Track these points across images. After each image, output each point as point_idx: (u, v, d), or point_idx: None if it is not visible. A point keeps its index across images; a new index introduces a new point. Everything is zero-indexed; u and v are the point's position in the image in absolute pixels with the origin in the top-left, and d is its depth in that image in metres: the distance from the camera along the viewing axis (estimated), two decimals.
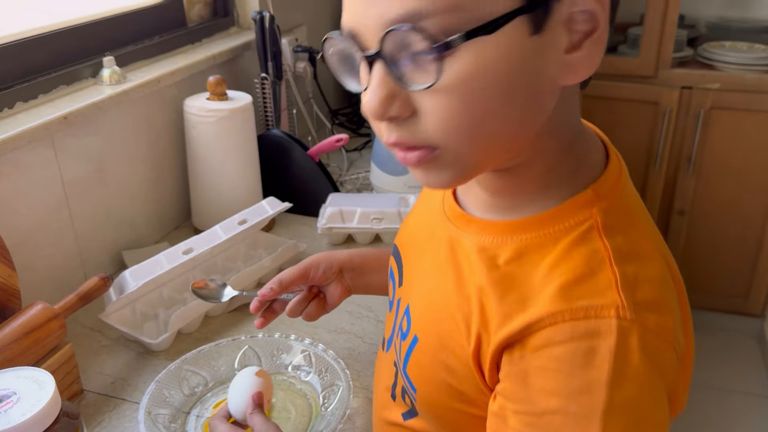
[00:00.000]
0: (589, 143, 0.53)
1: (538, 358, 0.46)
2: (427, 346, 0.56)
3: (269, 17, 1.34)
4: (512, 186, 0.52)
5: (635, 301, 0.45)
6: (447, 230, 0.57)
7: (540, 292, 0.47)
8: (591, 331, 0.44)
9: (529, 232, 0.50)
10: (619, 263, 0.46)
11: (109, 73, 1.11)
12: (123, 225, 1.18)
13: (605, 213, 0.49)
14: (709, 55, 2.19)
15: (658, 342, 0.45)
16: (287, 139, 1.33)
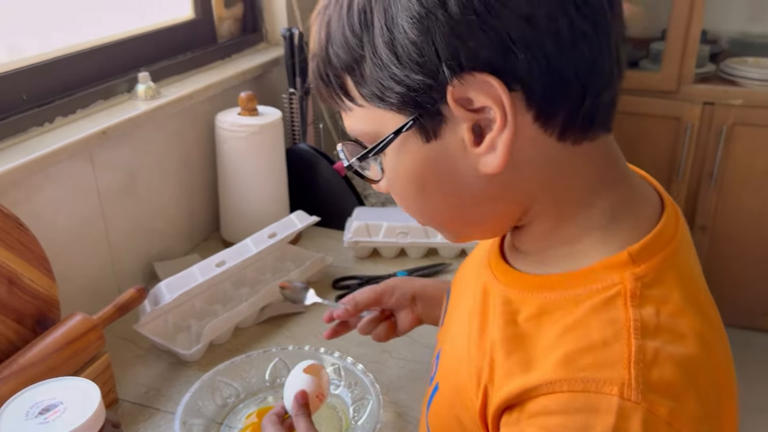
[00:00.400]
0: (632, 197, 0.50)
1: (531, 425, 0.44)
2: (444, 396, 0.56)
3: (298, 34, 1.36)
4: (531, 241, 0.52)
5: (647, 382, 0.41)
6: (485, 277, 0.56)
7: (546, 357, 0.45)
8: (589, 406, 0.41)
9: (553, 291, 0.48)
10: (640, 337, 0.42)
11: (144, 89, 1.14)
12: (154, 236, 1.20)
13: (638, 280, 0.45)
14: (731, 71, 2.19)
15: (667, 429, 0.40)
16: (314, 152, 1.35)
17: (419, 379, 0.93)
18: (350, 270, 1.22)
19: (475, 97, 0.43)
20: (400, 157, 0.49)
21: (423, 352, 0.99)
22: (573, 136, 0.46)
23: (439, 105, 0.45)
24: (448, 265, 1.21)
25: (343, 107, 0.50)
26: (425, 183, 0.49)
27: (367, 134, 0.50)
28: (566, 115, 0.45)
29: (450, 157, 0.47)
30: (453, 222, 0.53)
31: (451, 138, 0.46)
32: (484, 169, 0.46)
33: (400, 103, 0.46)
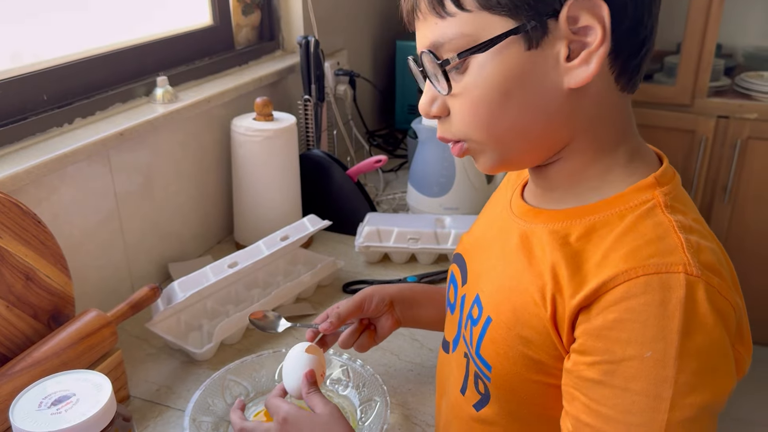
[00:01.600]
0: (641, 145, 0.60)
1: (613, 312, 0.50)
2: (501, 323, 0.60)
3: (314, 42, 1.39)
4: (566, 176, 0.59)
5: (701, 263, 0.50)
6: (516, 225, 0.62)
7: (611, 257, 0.52)
8: (662, 284, 0.49)
9: (596, 214, 0.55)
10: (683, 232, 0.52)
11: (162, 92, 1.16)
12: (169, 238, 1.22)
13: (666, 195, 0.55)
14: (746, 85, 2.19)
15: (720, 297, 0.50)
16: (327, 158, 1.37)
17: (427, 383, 0.94)
18: (361, 274, 1.23)
19: (582, 16, 0.51)
20: (497, 59, 0.53)
21: (430, 355, 0.99)
22: (623, 81, 0.55)
23: (549, 18, 0.51)
24: None
25: (442, 13, 0.54)
26: (511, 89, 0.54)
27: (464, 36, 0.53)
28: (626, 59, 0.54)
29: (542, 68, 0.53)
30: (512, 137, 0.57)
31: (549, 50, 0.52)
32: (570, 82, 0.53)
33: (519, 7, 0.51)
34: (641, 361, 0.49)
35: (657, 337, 0.48)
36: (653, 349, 0.48)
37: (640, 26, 0.53)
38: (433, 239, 1.23)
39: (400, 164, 1.73)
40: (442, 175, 1.35)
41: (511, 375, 0.60)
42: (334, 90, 1.58)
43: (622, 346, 0.49)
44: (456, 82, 0.56)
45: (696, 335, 0.48)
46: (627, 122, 0.58)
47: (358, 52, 1.83)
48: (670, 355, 0.48)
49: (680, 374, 0.48)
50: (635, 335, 0.49)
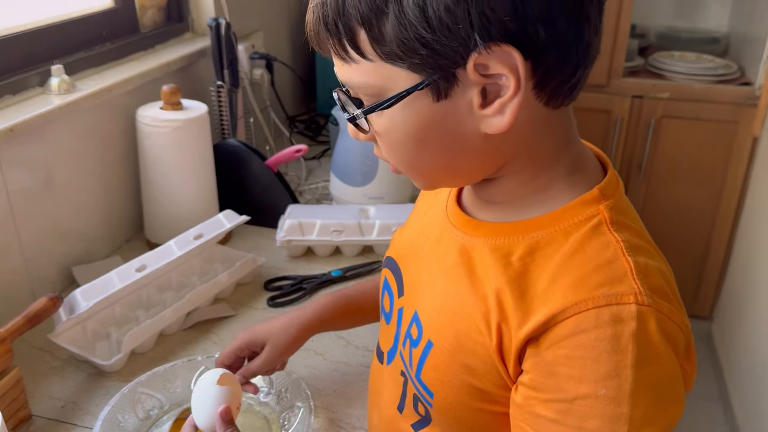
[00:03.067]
0: (581, 152, 0.57)
1: (564, 347, 0.48)
2: (443, 349, 0.57)
3: (225, 24, 1.31)
4: (505, 192, 0.57)
5: (650, 289, 0.48)
6: (454, 237, 0.59)
7: (558, 284, 0.50)
8: (613, 317, 0.47)
9: (540, 230, 0.53)
10: (631, 254, 0.50)
11: (58, 82, 1.07)
12: (73, 239, 1.14)
13: (611, 210, 0.52)
14: (659, 65, 2.25)
15: (670, 324, 0.49)
16: (244, 148, 1.30)
17: (353, 383, 0.91)
18: (283, 270, 1.18)
19: (494, 65, 0.47)
20: (406, 112, 0.51)
21: (356, 353, 0.96)
22: (556, 102, 0.51)
23: (456, 68, 0.47)
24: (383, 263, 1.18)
25: (345, 58, 0.51)
26: (425, 138, 0.52)
27: (371, 87, 0.51)
28: (557, 84, 0.50)
29: (455, 116, 0.50)
30: (437, 173, 0.56)
31: (460, 99, 0.49)
32: (486, 129, 0.50)
33: (420, 64, 0.47)
34: (595, 399, 0.47)
35: (611, 374, 0.47)
36: (607, 387, 0.47)
37: (569, 55, 0.48)
38: (357, 231, 1.19)
39: (323, 151, 1.68)
40: (365, 164, 1.31)
41: (455, 403, 0.58)
42: (249, 75, 1.51)
43: (574, 384, 0.48)
44: (374, 119, 0.53)
45: (649, 367, 0.47)
46: (566, 133, 0.55)
47: (275, 34, 1.75)
48: (625, 391, 0.47)
49: (635, 409, 0.47)
50: (588, 372, 0.47)
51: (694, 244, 2.32)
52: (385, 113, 0.51)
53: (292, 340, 0.82)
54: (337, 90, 0.54)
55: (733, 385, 2.09)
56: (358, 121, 0.54)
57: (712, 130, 2.17)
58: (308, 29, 0.53)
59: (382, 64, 0.49)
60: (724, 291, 2.33)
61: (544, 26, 0.46)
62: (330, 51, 0.52)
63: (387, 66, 0.49)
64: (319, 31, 0.51)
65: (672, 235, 2.32)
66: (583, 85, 0.52)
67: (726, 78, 2.17)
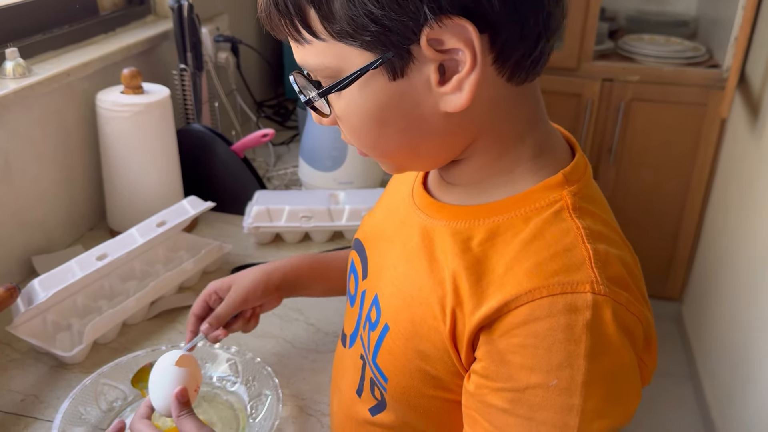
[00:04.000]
0: (549, 135, 0.56)
1: (516, 335, 0.47)
2: (398, 333, 0.56)
3: (188, 6, 1.28)
4: (469, 174, 0.56)
5: (608, 278, 0.47)
6: (418, 219, 0.58)
7: (514, 270, 0.49)
8: (568, 306, 0.46)
9: (500, 214, 0.52)
10: (591, 241, 0.49)
11: (13, 66, 1.03)
12: (32, 228, 1.10)
13: (575, 196, 0.51)
14: (629, 48, 2.25)
15: (627, 314, 0.48)
16: (209, 133, 1.28)
17: (322, 369, 0.90)
18: (251, 257, 1.16)
19: (448, 40, 0.46)
20: (364, 92, 0.49)
21: (325, 340, 0.95)
22: (519, 77, 0.50)
23: (409, 45, 0.46)
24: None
25: (299, 39, 0.50)
26: (385, 118, 0.51)
27: (327, 68, 0.50)
28: (519, 58, 0.48)
29: (413, 95, 0.49)
30: (401, 154, 0.55)
31: (417, 77, 0.48)
32: (446, 107, 0.49)
33: (372, 41, 0.46)
34: (546, 389, 0.47)
35: (563, 364, 0.46)
36: (559, 377, 0.46)
37: (528, 27, 0.47)
38: (326, 216, 1.17)
39: (292, 136, 1.65)
40: (334, 148, 1.29)
41: (408, 388, 0.57)
42: (214, 58, 1.47)
43: (526, 373, 0.47)
44: (333, 102, 0.52)
45: (603, 359, 0.46)
46: (533, 111, 0.54)
47: (240, 16, 1.72)
48: (577, 382, 0.46)
49: (587, 401, 0.46)
50: (540, 362, 0.47)
51: (664, 226, 2.34)
52: (343, 95, 0.50)
53: (257, 283, 0.82)
54: (295, 73, 0.54)
55: (703, 366, 2.12)
56: (315, 104, 0.53)
57: (682, 113, 2.18)
58: (260, 11, 0.52)
59: (334, 43, 0.48)
60: (693, 272, 2.36)
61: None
62: (283, 33, 0.51)
63: (340, 45, 0.48)
64: (271, 13, 0.50)
65: (642, 217, 2.34)
66: (547, 59, 0.51)
67: (695, 61, 2.18)
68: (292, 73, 0.54)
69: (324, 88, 0.50)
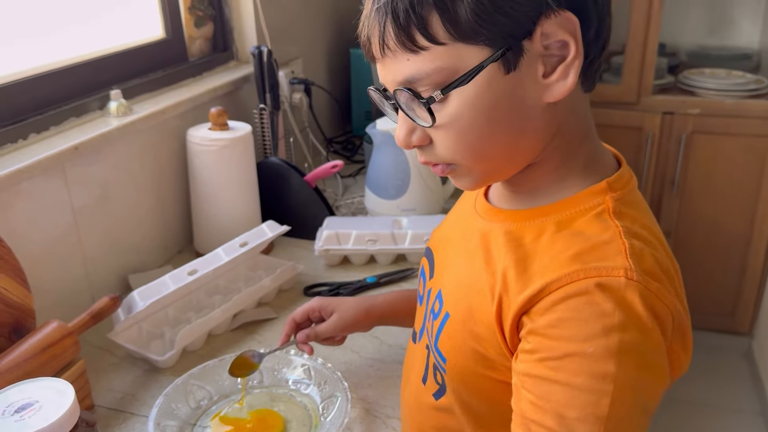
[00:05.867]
0: (598, 148, 0.63)
1: (556, 311, 0.52)
2: (457, 318, 0.63)
3: (267, 51, 1.41)
4: (530, 180, 0.62)
5: (641, 268, 0.52)
6: (478, 224, 0.65)
7: (556, 259, 0.54)
8: (602, 286, 0.51)
9: (549, 215, 0.58)
10: (629, 237, 0.54)
11: (116, 106, 1.17)
12: (129, 250, 1.23)
13: (616, 201, 0.57)
14: (689, 82, 2.28)
15: (658, 302, 0.52)
16: (285, 165, 1.39)
17: (386, 377, 0.97)
18: (321, 277, 1.25)
19: (555, 32, 0.52)
20: (480, 87, 0.54)
21: (389, 351, 1.03)
22: (587, 83, 0.58)
23: (523, 39, 0.52)
24: (414, 269, 1.25)
25: (414, 49, 0.53)
26: (497, 114, 0.55)
27: (441, 71, 0.53)
28: (591, 61, 0.56)
29: (522, 88, 0.54)
30: (498, 156, 0.58)
31: (526, 70, 0.54)
32: (550, 97, 0.54)
33: (494, 35, 0.52)
34: (583, 356, 0.51)
35: (598, 334, 0.50)
36: (594, 346, 0.50)
37: (602, 28, 0.55)
38: (390, 240, 1.26)
39: (359, 169, 1.76)
40: (397, 178, 1.38)
41: (463, 369, 0.63)
42: (289, 98, 1.61)
43: (564, 342, 0.52)
44: (438, 112, 0.55)
45: (634, 333, 0.51)
46: (588, 122, 0.61)
47: (313, 60, 1.86)
48: (611, 351, 0.50)
49: (620, 370, 0.50)
50: (577, 332, 0.51)
51: (730, 257, 2.32)
52: (454, 96, 0.54)
53: (358, 316, 0.91)
54: (397, 91, 0.56)
55: None
56: (419, 116, 0.56)
57: (744, 145, 2.18)
58: (365, 34, 0.56)
59: (453, 45, 0.52)
60: (763, 305, 2.31)
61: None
62: (393, 49, 0.54)
63: (458, 46, 0.52)
64: (386, 28, 0.54)
65: (708, 249, 2.32)
66: (601, 72, 0.59)
67: (757, 93, 2.18)
68: (395, 90, 0.56)
69: (444, 86, 0.54)
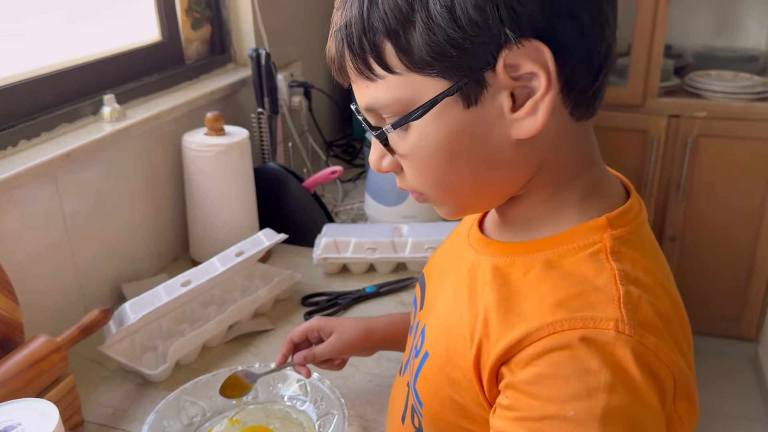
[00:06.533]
0: (602, 178, 0.57)
1: (536, 365, 0.47)
2: (435, 360, 0.58)
3: (265, 54, 1.38)
4: (519, 212, 0.57)
5: (636, 319, 0.47)
6: (468, 254, 0.60)
7: (541, 304, 0.49)
8: (589, 340, 0.46)
9: (540, 251, 0.53)
10: (625, 283, 0.48)
11: (110, 111, 1.15)
12: (122, 258, 1.20)
13: (615, 240, 0.51)
14: (695, 84, 2.24)
15: (655, 360, 0.46)
16: (283, 171, 1.36)
17: (385, 393, 0.94)
18: (319, 287, 1.22)
19: (523, 64, 0.47)
20: (436, 122, 0.50)
21: (388, 366, 1.00)
22: (579, 112, 0.52)
23: (485, 71, 0.48)
24: (415, 279, 1.22)
25: (371, 76, 0.51)
26: (456, 149, 0.51)
27: (398, 102, 0.51)
28: (581, 90, 0.50)
29: (486, 123, 0.50)
30: (468, 191, 0.55)
31: (490, 104, 0.49)
32: (519, 134, 0.50)
33: (449, 67, 0.48)
34: (562, 421, 0.45)
35: (580, 396, 0.45)
36: (575, 409, 0.45)
37: (593, 55, 0.49)
38: (390, 248, 1.23)
39: (359, 174, 1.73)
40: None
41: (440, 417, 0.59)
42: (288, 102, 1.58)
43: (543, 403, 0.47)
44: (401, 140, 0.53)
45: (623, 395, 0.45)
46: (586, 151, 0.55)
47: (312, 62, 1.83)
48: (594, 415, 0.45)
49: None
50: (557, 392, 0.46)
51: (736, 262, 2.28)
52: (413, 128, 0.51)
53: (357, 337, 0.87)
54: (359, 114, 0.55)
55: None
56: (386, 141, 0.53)
57: (751, 149, 2.15)
58: (329, 55, 0.54)
59: (409, 75, 0.49)
60: None
61: (571, 22, 0.47)
62: (352, 74, 0.52)
63: (414, 77, 0.49)
64: (343, 54, 0.52)
65: (713, 253, 2.29)
66: (602, 96, 0.52)
67: (764, 96, 2.15)
68: (360, 113, 0.55)
69: (398, 119, 0.51)
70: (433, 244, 1.22)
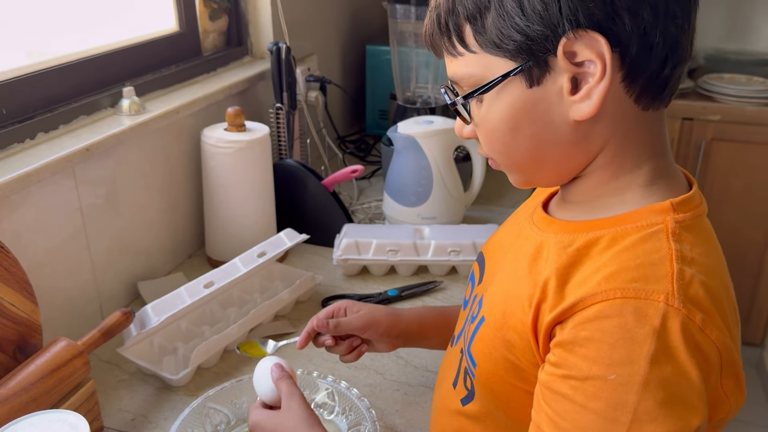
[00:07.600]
0: (669, 169, 0.59)
1: (586, 329, 0.50)
2: (491, 323, 0.61)
3: (285, 48, 1.35)
4: (582, 192, 0.60)
5: (686, 295, 0.49)
6: (531, 232, 0.64)
7: (597, 274, 0.52)
8: (638, 310, 0.48)
9: (603, 228, 0.56)
10: (680, 262, 0.51)
11: (129, 104, 1.11)
12: (138, 254, 1.17)
13: (677, 224, 0.54)
14: (709, 87, 2.23)
15: (701, 334, 0.49)
16: (302, 168, 1.33)
17: (414, 402, 0.92)
18: (339, 288, 1.19)
19: (581, 52, 0.52)
20: (502, 97, 0.56)
21: (416, 374, 0.97)
22: (645, 101, 0.55)
23: (547, 55, 0.53)
24: (438, 283, 1.19)
25: (454, 53, 0.58)
26: (518, 123, 0.57)
27: (473, 77, 0.57)
28: (646, 80, 0.53)
29: (546, 103, 0.55)
30: (529, 164, 0.60)
31: (551, 86, 0.54)
32: (575, 115, 0.54)
33: (515, 50, 0.53)
34: (604, 382, 0.49)
35: (624, 362, 0.48)
36: (618, 373, 0.48)
37: (656, 48, 0.52)
38: (413, 251, 1.20)
39: (373, 171, 1.70)
40: (419, 185, 1.32)
41: (493, 375, 0.62)
42: (305, 97, 1.54)
43: (588, 364, 0.50)
44: (476, 111, 0.60)
45: (665, 366, 0.48)
46: (654, 140, 0.58)
47: (327, 56, 1.79)
48: (635, 381, 0.47)
49: (642, 402, 0.47)
50: (602, 356, 0.49)
51: (745, 267, 2.27)
52: (483, 101, 0.58)
53: (386, 319, 0.86)
54: (444, 86, 0.62)
55: None
56: (458, 109, 0.60)
57: (765, 153, 2.13)
58: (425, 33, 0.61)
59: (483, 54, 0.56)
60: None
61: (630, 16, 0.50)
62: (442, 49, 0.59)
63: (487, 56, 0.55)
64: (434, 33, 0.59)
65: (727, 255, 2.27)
66: (674, 88, 0.56)
67: None
68: (443, 85, 0.62)
69: (467, 92, 0.58)
70: (456, 248, 1.19)
